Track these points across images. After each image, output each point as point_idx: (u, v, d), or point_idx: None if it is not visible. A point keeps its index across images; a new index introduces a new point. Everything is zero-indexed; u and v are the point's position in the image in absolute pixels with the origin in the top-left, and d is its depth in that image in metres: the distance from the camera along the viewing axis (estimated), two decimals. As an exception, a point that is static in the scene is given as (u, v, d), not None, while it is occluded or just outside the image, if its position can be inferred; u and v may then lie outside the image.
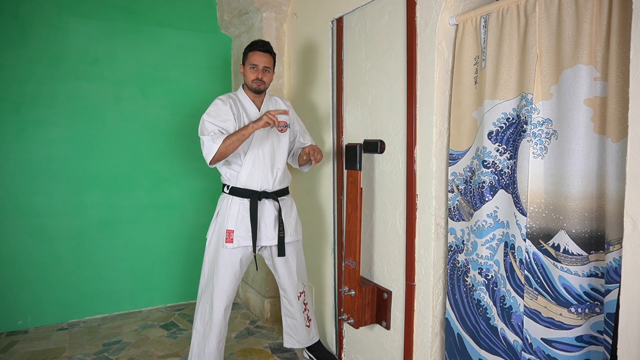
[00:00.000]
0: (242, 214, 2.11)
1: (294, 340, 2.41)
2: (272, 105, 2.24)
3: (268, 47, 2.14)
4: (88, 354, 2.57)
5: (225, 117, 2.06)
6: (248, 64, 2.13)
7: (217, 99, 2.12)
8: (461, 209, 1.74)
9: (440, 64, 1.73)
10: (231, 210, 2.10)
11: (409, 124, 1.86)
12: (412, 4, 1.80)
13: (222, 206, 2.14)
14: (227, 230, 2.09)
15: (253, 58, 2.12)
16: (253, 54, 2.12)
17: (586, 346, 1.40)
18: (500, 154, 1.57)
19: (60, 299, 2.99)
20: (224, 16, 3.20)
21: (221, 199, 2.18)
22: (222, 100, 2.11)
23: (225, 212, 2.11)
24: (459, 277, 1.75)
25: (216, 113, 2.06)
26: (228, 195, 2.13)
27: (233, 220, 2.10)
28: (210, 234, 2.18)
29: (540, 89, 1.44)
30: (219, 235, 2.12)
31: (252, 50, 2.13)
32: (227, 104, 2.08)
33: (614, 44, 1.26)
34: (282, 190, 2.20)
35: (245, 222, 2.11)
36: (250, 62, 2.12)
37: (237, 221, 2.10)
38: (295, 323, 2.38)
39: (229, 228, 2.09)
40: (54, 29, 2.85)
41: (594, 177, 1.34)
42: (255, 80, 2.12)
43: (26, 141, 2.83)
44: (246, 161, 2.10)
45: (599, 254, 1.35)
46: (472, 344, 1.71)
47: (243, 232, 2.11)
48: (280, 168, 2.17)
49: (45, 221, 2.91)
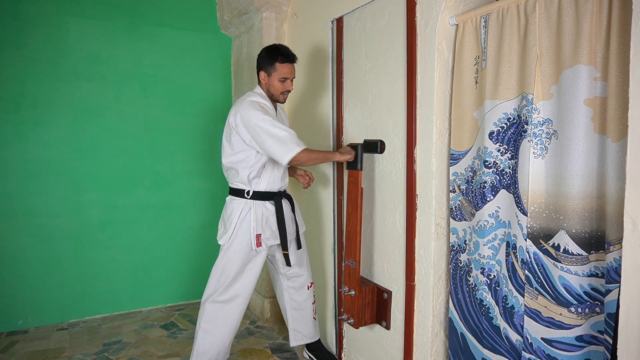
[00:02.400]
0: (267, 217, 2.11)
1: (301, 335, 2.37)
2: (280, 111, 2.26)
3: (295, 57, 2.11)
4: (88, 354, 2.57)
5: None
6: (277, 75, 2.07)
7: (258, 105, 2.01)
8: (463, 208, 1.74)
9: (440, 64, 1.73)
10: (256, 215, 2.08)
11: (409, 124, 1.86)
12: (412, 4, 1.80)
13: (244, 211, 2.08)
14: (257, 235, 2.08)
15: (284, 70, 2.07)
16: (284, 66, 2.06)
17: (586, 346, 1.41)
18: (501, 154, 1.58)
19: (60, 299, 2.99)
20: (224, 16, 3.20)
21: (237, 204, 2.09)
22: (262, 106, 2.02)
23: (251, 217, 2.08)
24: (461, 276, 1.75)
25: (262, 112, 1.98)
26: (249, 200, 2.09)
27: (260, 224, 2.09)
28: (228, 239, 2.09)
29: (540, 89, 1.44)
30: (244, 240, 2.08)
31: (284, 62, 2.06)
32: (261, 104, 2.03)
33: (614, 44, 1.26)
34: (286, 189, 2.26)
35: (270, 224, 2.12)
36: (282, 74, 2.07)
37: (263, 224, 2.10)
38: (303, 315, 2.35)
39: (257, 232, 2.08)
40: (53, 29, 2.85)
41: (594, 177, 1.34)
42: (285, 93, 2.11)
43: (25, 141, 2.83)
44: (268, 164, 2.10)
45: (599, 254, 1.35)
46: (475, 344, 1.71)
47: (268, 234, 2.12)
48: (286, 167, 2.19)
49: (44, 221, 2.91)
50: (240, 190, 2.11)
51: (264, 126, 1.94)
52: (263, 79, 2.11)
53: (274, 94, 2.11)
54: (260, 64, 2.12)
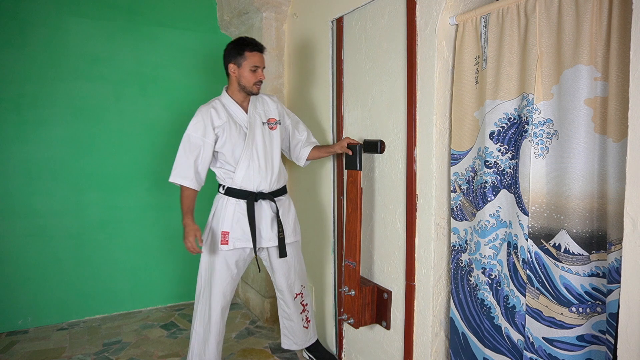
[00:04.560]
0: (238, 215, 2.07)
1: (291, 341, 2.38)
2: (260, 105, 2.17)
3: (263, 47, 2.10)
4: (88, 354, 2.57)
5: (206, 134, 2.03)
6: (248, 64, 2.03)
7: (198, 113, 2.06)
8: (464, 208, 1.74)
9: (441, 64, 1.73)
10: (227, 211, 2.06)
11: (409, 124, 1.86)
12: (412, 4, 1.80)
13: (217, 207, 2.11)
14: (223, 232, 2.05)
15: (255, 59, 2.04)
16: (254, 54, 2.04)
17: (587, 345, 1.41)
18: (502, 154, 1.58)
19: (60, 299, 2.99)
20: (224, 16, 3.20)
21: (216, 199, 2.14)
22: (202, 114, 2.05)
23: (221, 213, 2.07)
24: (462, 276, 1.76)
25: (195, 129, 2.03)
26: (224, 195, 2.09)
27: (228, 221, 2.06)
28: (205, 235, 2.13)
29: (541, 89, 1.44)
30: (214, 236, 2.09)
31: (253, 50, 2.04)
32: (206, 118, 2.03)
33: (614, 44, 1.26)
34: (278, 190, 2.18)
35: (242, 224, 2.07)
36: (252, 63, 2.03)
37: (232, 222, 2.06)
38: (292, 325, 2.34)
39: (224, 230, 2.06)
40: (53, 29, 2.85)
41: (595, 177, 1.34)
42: (257, 84, 2.07)
43: (26, 141, 2.83)
44: (241, 162, 2.06)
45: (601, 254, 1.35)
46: (477, 343, 1.71)
47: (239, 234, 2.07)
48: (275, 167, 2.13)
49: (45, 221, 2.91)
50: (219, 185, 2.13)
51: (183, 139, 2.04)
52: (233, 72, 2.07)
53: (246, 85, 2.06)
54: (228, 58, 2.07)
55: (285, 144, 2.30)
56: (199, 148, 2.03)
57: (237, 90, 2.10)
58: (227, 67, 2.09)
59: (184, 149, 2.03)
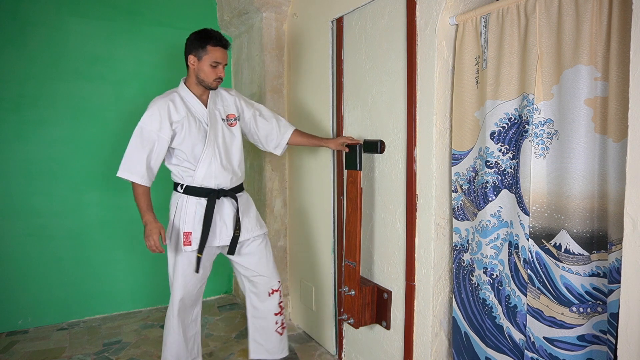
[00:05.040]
0: (200, 215, 1.98)
1: (262, 349, 2.20)
2: (219, 101, 2.08)
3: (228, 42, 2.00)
4: (88, 354, 2.57)
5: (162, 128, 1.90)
6: (209, 58, 1.92)
7: (154, 105, 1.91)
8: (465, 208, 1.74)
9: (441, 64, 1.74)
10: (187, 211, 1.97)
11: (409, 124, 1.86)
12: (412, 4, 1.80)
13: (177, 207, 2.00)
14: (185, 233, 1.96)
15: (216, 54, 1.93)
16: (216, 50, 1.93)
17: (588, 345, 1.41)
18: (502, 154, 1.58)
19: (60, 299, 2.99)
20: (224, 16, 3.20)
21: (175, 198, 2.02)
22: (159, 107, 1.91)
23: (182, 214, 1.98)
24: (464, 276, 1.76)
25: (149, 122, 1.89)
26: (182, 194, 1.99)
27: (190, 221, 1.97)
28: (169, 234, 2.02)
29: (541, 89, 1.44)
30: (177, 238, 1.99)
31: (216, 45, 1.93)
32: (166, 110, 1.90)
33: (614, 44, 1.26)
34: (237, 187, 2.11)
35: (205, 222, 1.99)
36: (214, 59, 1.93)
37: (194, 222, 1.97)
38: (264, 325, 2.18)
39: (186, 230, 1.96)
40: (53, 29, 2.84)
41: (595, 177, 1.34)
42: (217, 80, 1.97)
43: (26, 141, 2.83)
44: (203, 160, 1.95)
45: (601, 254, 1.35)
46: (479, 342, 1.71)
47: (198, 234, 1.99)
48: (235, 165, 2.07)
49: (45, 221, 2.91)
50: (176, 184, 2.03)
51: (135, 131, 1.90)
52: (192, 64, 1.96)
53: (205, 80, 1.95)
54: (189, 48, 1.96)
55: (254, 137, 2.21)
56: (152, 143, 1.90)
57: (195, 84, 1.98)
58: (186, 57, 1.97)
59: (135, 142, 1.89)
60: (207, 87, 1.99)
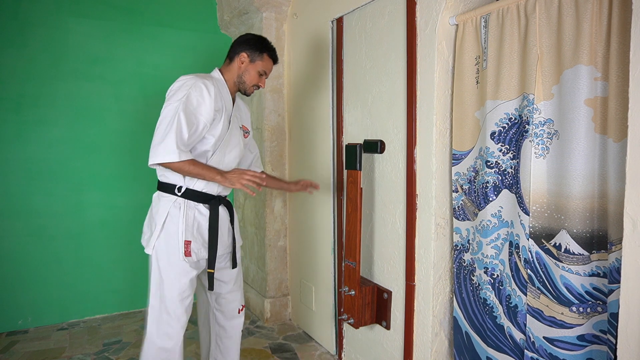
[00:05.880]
0: (199, 222, 1.76)
1: None
2: (240, 108, 1.95)
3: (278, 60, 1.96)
4: (88, 354, 2.57)
5: (202, 112, 1.67)
6: (262, 65, 1.86)
7: (199, 82, 1.67)
8: (465, 208, 1.74)
9: (441, 64, 1.74)
10: (186, 217, 1.73)
11: (409, 124, 1.86)
12: (412, 4, 1.80)
13: (172, 212, 1.73)
14: (186, 242, 1.72)
15: (269, 65, 1.89)
16: (270, 61, 1.89)
17: (588, 345, 1.41)
18: (503, 154, 1.58)
19: (60, 299, 2.99)
20: (224, 16, 3.20)
21: (166, 202, 1.74)
22: (206, 86, 1.68)
23: (179, 220, 1.72)
24: (465, 276, 1.76)
25: (197, 104, 1.66)
26: (179, 198, 1.74)
27: (190, 229, 1.74)
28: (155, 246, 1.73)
29: (541, 89, 1.44)
30: (170, 247, 1.72)
31: (272, 57, 1.89)
32: (212, 93, 1.69)
33: (614, 44, 1.26)
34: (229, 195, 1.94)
35: (202, 232, 1.77)
36: (265, 67, 1.87)
37: (193, 230, 1.75)
38: (229, 345, 2.00)
39: (187, 239, 1.72)
40: (53, 29, 2.84)
41: (596, 177, 1.34)
42: (256, 87, 1.90)
43: (26, 141, 2.83)
44: (212, 161, 1.77)
45: (601, 254, 1.35)
46: (480, 342, 1.71)
47: (200, 244, 1.76)
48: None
49: (45, 221, 2.91)
50: (171, 186, 1.75)
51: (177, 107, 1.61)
52: (242, 62, 1.83)
53: (247, 82, 1.85)
54: (244, 46, 1.84)
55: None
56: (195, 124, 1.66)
57: (234, 82, 1.85)
58: (238, 52, 1.84)
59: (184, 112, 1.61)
60: (243, 91, 1.88)
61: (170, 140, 1.59)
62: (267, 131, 2.88)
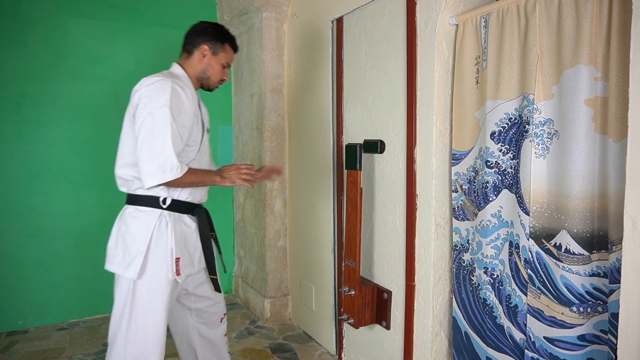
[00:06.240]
0: (186, 235, 1.64)
1: None
2: (201, 101, 1.78)
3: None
4: (88, 354, 2.57)
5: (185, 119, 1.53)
6: (225, 57, 1.70)
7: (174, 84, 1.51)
8: (465, 208, 1.74)
9: (441, 64, 1.74)
10: (174, 232, 1.57)
11: (409, 124, 1.86)
12: (412, 4, 1.80)
13: (159, 227, 1.56)
14: (177, 259, 1.57)
15: (231, 56, 1.73)
16: (231, 51, 1.73)
17: (589, 345, 1.41)
18: (503, 154, 1.58)
19: (60, 299, 2.98)
20: (224, 16, 3.20)
21: (150, 217, 1.56)
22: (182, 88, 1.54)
23: (168, 235, 1.56)
24: (464, 276, 1.76)
25: (179, 110, 1.50)
26: (164, 211, 1.57)
27: (179, 245, 1.59)
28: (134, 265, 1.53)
29: (541, 89, 1.44)
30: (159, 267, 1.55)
31: (233, 47, 1.73)
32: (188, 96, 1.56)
33: (614, 44, 1.26)
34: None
35: (188, 245, 1.65)
36: (227, 59, 1.71)
37: (181, 245, 1.61)
38: (216, 352, 1.90)
39: (177, 256, 1.57)
40: (53, 29, 2.85)
41: (596, 177, 1.34)
42: (221, 82, 1.74)
43: (26, 141, 2.83)
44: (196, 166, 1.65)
45: (602, 254, 1.35)
46: (480, 342, 1.71)
47: (186, 259, 1.63)
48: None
49: (45, 221, 2.91)
50: (153, 198, 1.56)
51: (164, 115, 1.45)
52: (203, 55, 1.66)
53: (211, 78, 1.69)
54: (203, 37, 1.66)
55: None
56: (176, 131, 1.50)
57: (196, 78, 1.69)
58: (197, 45, 1.66)
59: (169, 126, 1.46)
60: (206, 87, 1.73)
61: (169, 153, 1.44)
62: (267, 131, 2.88)
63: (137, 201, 1.59)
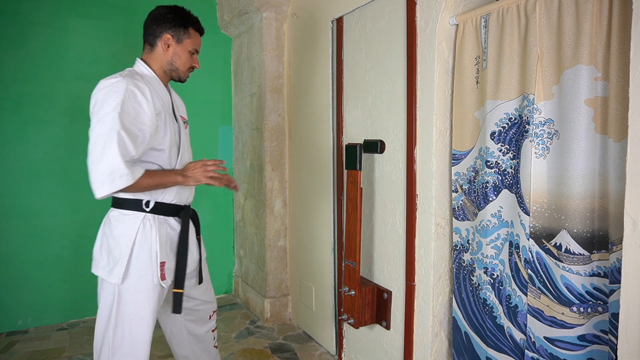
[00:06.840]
0: (171, 238, 1.58)
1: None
2: (174, 94, 1.70)
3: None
4: (88, 354, 2.57)
5: (144, 121, 1.43)
6: (190, 44, 1.60)
7: (130, 85, 1.43)
8: (465, 208, 1.74)
9: (441, 64, 1.74)
10: (159, 235, 1.52)
11: (409, 124, 1.86)
12: (412, 4, 1.80)
13: (142, 231, 1.50)
14: (161, 263, 1.52)
15: (197, 41, 1.62)
16: (197, 35, 1.62)
17: (589, 345, 1.41)
18: (503, 154, 1.58)
19: (60, 299, 2.98)
20: (224, 16, 3.20)
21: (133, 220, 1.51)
22: (139, 89, 1.44)
23: (152, 239, 1.51)
24: (464, 276, 1.76)
25: (135, 112, 1.41)
26: (148, 214, 1.52)
27: (164, 248, 1.54)
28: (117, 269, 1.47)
29: (541, 89, 1.44)
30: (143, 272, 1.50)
31: (197, 30, 1.63)
32: (147, 96, 1.45)
33: (615, 44, 1.26)
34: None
35: (174, 248, 1.59)
36: (194, 45, 1.61)
37: (167, 249, 1.55)
38: (203, 347, 1.86)
39: (162, 260, 1.52)
40: (53, 29, 2.85)
41: (596, 177, 1.34)
42: (191, 70, 1.65)
43: (25, 141, 2.83)
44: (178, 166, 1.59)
45: (602, 254, 1.35)
46: (479, 342, 1.71)
47: (171, 263, 1.57)
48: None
49: (45, 221, 2.90)
50: (135, 201, 1.51)
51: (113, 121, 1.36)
52: (167, 45, 1.58)
53: (180, 68, 1.60)
54: (164, 25, 1.57)
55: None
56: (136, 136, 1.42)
57: (163, 71, 1.60)
58: (159, 35, 1.58)
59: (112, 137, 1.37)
60: (177, 79, 1.63)
61: (117, 162, 1.35)
62: (267, 131, 2.88)
63: (121, 204, 1.54)
